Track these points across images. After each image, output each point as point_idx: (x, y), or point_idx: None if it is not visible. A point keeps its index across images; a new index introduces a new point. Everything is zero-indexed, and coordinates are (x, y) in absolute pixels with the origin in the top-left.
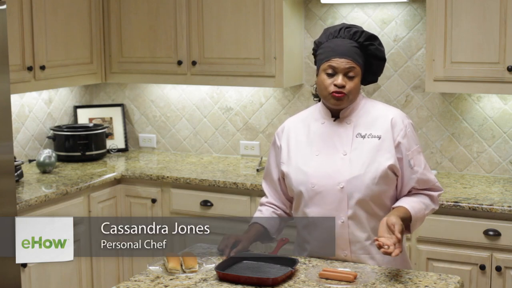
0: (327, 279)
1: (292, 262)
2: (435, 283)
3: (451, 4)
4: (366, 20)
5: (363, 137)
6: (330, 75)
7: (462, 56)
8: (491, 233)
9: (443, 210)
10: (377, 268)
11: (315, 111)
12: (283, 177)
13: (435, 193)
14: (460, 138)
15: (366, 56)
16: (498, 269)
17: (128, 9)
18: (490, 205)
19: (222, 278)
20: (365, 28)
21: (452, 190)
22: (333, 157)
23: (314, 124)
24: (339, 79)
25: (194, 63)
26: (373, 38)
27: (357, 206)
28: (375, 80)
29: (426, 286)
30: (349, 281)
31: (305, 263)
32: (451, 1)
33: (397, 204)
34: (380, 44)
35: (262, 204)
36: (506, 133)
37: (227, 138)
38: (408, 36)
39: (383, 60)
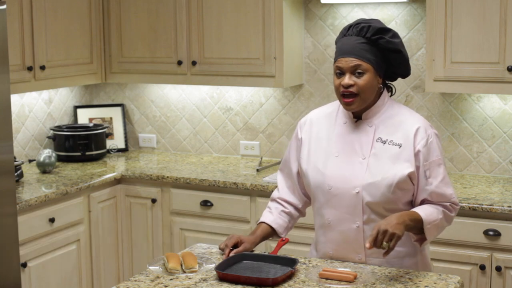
0: (327, 279)
1: (292, 262)
2: (435, 283)
3: (451, 4)
4: None
5: (384, 142)
6: (339, 76)
7: (462, 56)
8: (491, 233)
9: None
10: (377, 268)
11: (340, 109)
12: (301, 170)
13: (447, 203)
14: (460, 138)
15: (381, 50)
16: (498, 269)
17: (128, 9)
18: (490, 205)
19: (222, 278)
20: None
21: None
22: (351, 160)
23: (336, 123)
24: (346, 78)
25: (194, 63)
26: (382, 31)
27: (371, 211)
28: (407, 73)
29: (426, 286)
30: (349, 281)
31: (305, 263)
32: (451, 1)
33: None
34: (394, 36)
35: (272, 200)
36: (506, 133)
37: (227, 138)
38: (408, 36)
39: (397, 52)
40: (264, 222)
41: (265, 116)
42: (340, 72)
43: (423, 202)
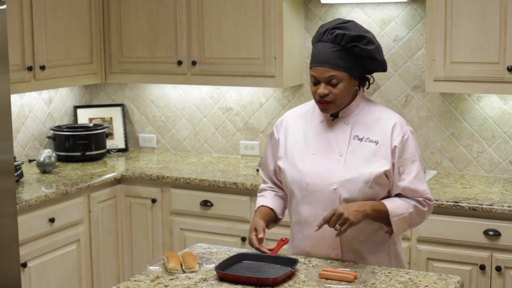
0: (327, 279)
1: (292, 262)
2: (435, 283)
3: (451, 4)
4: (366, 20)
5: (361, 140)
6: (315, 83)
7: (462, 56)
8: (491, 233)
9: (443, 210)
10: (377, 268)
11: (315, 107)
12: (278, 168)
13: (420, 198)
14: (460, 138)
15: (355, 56)
16: (498, 269)
17: (128, 9)
18: (490, 205)
19: (222, 278)
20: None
21: (452, 190)
22: (328, 158)
23: (313, 122)
24: (321, 88)
25: (194, 63)
26: (357, 38)
27: None
28: (383, 71)
29: (426, 286)
30: (349, 281)
31: (305, 263)
32: (451, 1)
33: None
34: (368, 43)
35: (263, 190)
36: (506, 133)
37: (227, 138)
38: (408, 36)
39: (372, 59)
40: (263, 206)
41: (265, 116)
42: (315, 81)
43: (397, 196)
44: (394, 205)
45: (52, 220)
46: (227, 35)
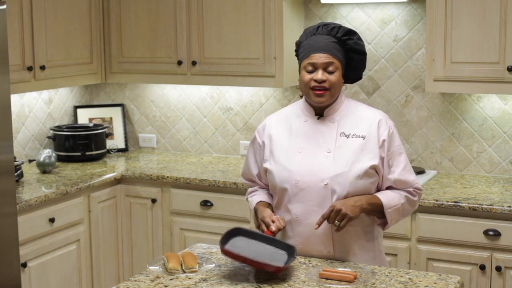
0: (327, 279)
1: (286, 247)
2: (435, 283)
3: (451, 4)
4: (366, 20)
5: (347, 136)
6: (310, 72)
7: (462, 56)
8: (491, 233)
9: (443, 210)
10: (377, 268)
11: (298, 109)
12: (265, 171)
13: (411, 189)
14: (460, 138)
15: (346, 51)
16: (498, 269)
17: (128, 9)
18: (490, 205)
19: (225, 254)
20: (365, 28)
21: (452, 190)
22: (317, 155)
23: (297, 122)
24: (319, 74)
25: (194, 63)
26: (351, 32)
27: None
28: (360, 77)
29: (426, 286)
30: (349, 281)
31: (305, 263)
32: (451, 1)
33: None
34: (359, 38)
35: (253, 191)
36: (506, 133)
37: (227, 138)
38: (408, 36)
39: (363, 54)
40: (260, 201)
41: (265, 116)
42: (311, 69)
43: (388, 189)
44: (387, 197)
45: (52, 220)
46: (227, 35)
